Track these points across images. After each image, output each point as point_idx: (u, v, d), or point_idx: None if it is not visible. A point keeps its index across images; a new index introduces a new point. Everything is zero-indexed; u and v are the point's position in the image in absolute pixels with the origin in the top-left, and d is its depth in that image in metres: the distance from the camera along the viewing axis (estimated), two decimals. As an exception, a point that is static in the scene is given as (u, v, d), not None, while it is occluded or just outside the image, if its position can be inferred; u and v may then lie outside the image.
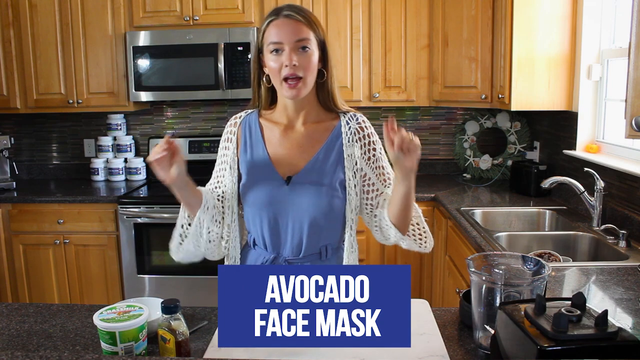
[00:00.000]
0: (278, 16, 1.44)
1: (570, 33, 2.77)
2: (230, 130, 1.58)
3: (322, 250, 1.52)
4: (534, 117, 3.38)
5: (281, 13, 1.44)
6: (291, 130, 1.53)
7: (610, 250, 2.10)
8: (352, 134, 1.53)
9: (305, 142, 1.52)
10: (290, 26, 1.42)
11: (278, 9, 1.46)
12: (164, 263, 3.21)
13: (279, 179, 1.49)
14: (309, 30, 1.44)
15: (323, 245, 1.52)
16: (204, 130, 3.79)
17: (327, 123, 1.55)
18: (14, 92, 3.43)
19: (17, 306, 1.51)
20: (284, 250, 1.52)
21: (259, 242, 1.55)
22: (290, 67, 1.40)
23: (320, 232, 1.50)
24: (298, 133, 1.53)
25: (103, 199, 3.21)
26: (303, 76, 1.42)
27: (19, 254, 3.26)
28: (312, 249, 1.51)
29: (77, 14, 3.34)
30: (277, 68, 1.42)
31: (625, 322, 1.42)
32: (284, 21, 1.43)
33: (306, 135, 1.53)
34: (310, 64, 1.44)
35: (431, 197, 3.07)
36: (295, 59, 1.40)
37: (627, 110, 1.42)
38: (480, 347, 1.22)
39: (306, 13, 1.46)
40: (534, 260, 1.22)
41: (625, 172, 2.28)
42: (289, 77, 1.41)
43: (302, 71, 1.42)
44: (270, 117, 1.57)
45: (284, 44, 1.41)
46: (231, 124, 1.59)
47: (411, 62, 3.32)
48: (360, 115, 1.57)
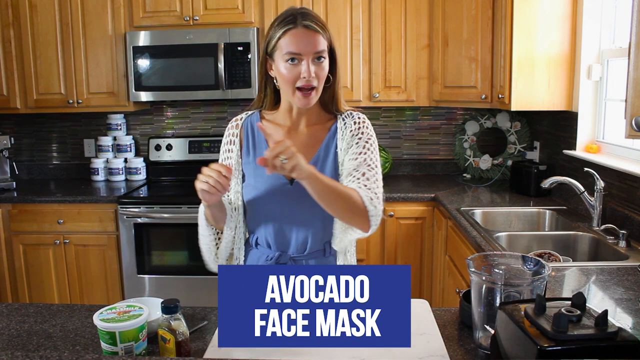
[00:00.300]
0: (296, 25, 1.43)
1: (570, 33, 2.77)
2: (233, 132, 1.59)
3: (326, 247, 1.54)
4: (534, 117, 3.38)
5: (299, 22, 1.43)
6: (294, 132, 1.55)
7: (610, 250, 2.10)
8: (346, 128, 1.54)
9: (307, 143, 1.54)
10: (309, 37, 1.42)
11: (293, 16, 1.44)
12: (164, 263, 3.22)
13: (283, 179, 1.50)
14: (324, 41, 1.45)
15: (327, 242, 1.54)
16: (204, 130, 3.79)
17: (328, 122, 1.57)
18: (14, 92, 3.43)
19: (17, 306, 1.51)
20: (289, 248, 1.54)
21: (262, 241, 1.56)
22: (309, 79, 1.42)
23: (325, 229, 1.53)
24: (301, 134, 1.55)
25: (103, 199, 3.21)
26: (317, 86, 1.44)
27: (19, 254, 3.26)
28: (316, 245, 1.53)
29: (77, 14, 3.34)
30: (293, 77, 1.43)
31: (625, 322, 1.42)
32: (303, 32, 1.42)
33: (308, 135, 1.54)
34: (324, 73, 1.46)
35: (431, 197, 3.07)
36: (313, 71, 1.42)
37: (627, 110, 1.42)
38: (480, 347, 1.22)
39: (321, 22, 1.46)
40: (534, 260, 1.22)
41: (625, 172, 2.28)
42: (305, 87, 1.43)
43: (317, 81, 1.44)
44: (273, 118, 1.57)
45: (302, 55, 1.42)
46: (232, 126, 1.60)
47: (411, 62, 3.32)
48: (358, 113, 1.58)
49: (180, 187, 3.54)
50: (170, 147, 3.66)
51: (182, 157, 3.65)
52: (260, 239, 1.56)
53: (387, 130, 3.73)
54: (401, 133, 3.73)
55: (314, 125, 1.56)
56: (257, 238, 1.57)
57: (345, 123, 1.55)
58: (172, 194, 3.42)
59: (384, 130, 3.72)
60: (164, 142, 3.67)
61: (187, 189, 3.45)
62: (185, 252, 3.20)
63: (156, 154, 3.68)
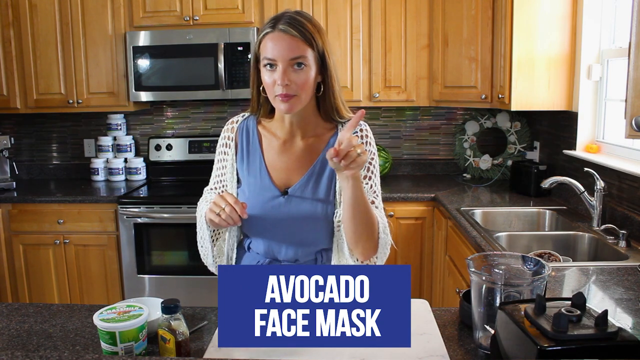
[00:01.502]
0: (274, 29, 1.36)
1: (570, 33, 2.77)
2: (228, 135, 1.55)
3: (318, 257, 1.51)
4: (534, 117, 3.38)
5: (277, 26, 1.36)
6: (290, 144, 1.49)
7: (610, 250, 2.10)
8: None
9: (303, 156, 1.49)
10: (285, 42, 1.35)
11: (276, 19, 1.38)
12: (164, 263, 3.22)
13: (275, 190, 1.47)
14: (305, 47, 1.36)
15: (318, 251, 1.51)
16: (204, 130, 3.79)
17: (325, 134, 1.50)
18: (14, 92, 3.43)
19: (17, 306, 1.51)
20: (279, 256, 1.51)
21: (253, 246, 1.54)
22: (283, 87, 1.34)
23: (316, 241, 1.49)
24: (297, 147, 1.49)
25: (103, 199, 3.21)
26: (297, 94, 1.36)
27: (19, 254, 3.26)
28: (307, 256, 1.50)
29: (77, 14, 3.34)
30: (271, 84, 1.37)
31: (625, 322, 1.42)
32: (279, 36, 1.35)
33: (304, 148, 1.49)
34: (306, 82, 1.37)
35: (431, 197, 3.07)
36: (288, 79, 1.34)
37: (627, 110, 1.42)
38: (480, 347, 1.22)
39: (304, 26, 1.37)
40: (534, 260, 1.22)
41: (625, 172, 2.28)
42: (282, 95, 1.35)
43: (296, 89, 1.36)
44: (269, 127, 1.53)
45: (277, 61, 1.35)
46: (228, 129, 1.56)
47: (411, 62, 3.32)
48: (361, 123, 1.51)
49: (180, 187, 3.54)
50: (170, 147, 3.66)
51: (182, 157, 3.65)
52: (252, 244, 1.54)
53: (387, 130, 3.73)
54: (401, 133, 3.73)
55: (311, 138, 1.49)
56: (250, 242, 1.55)
57: None
58: (172, 194, 3.42)
59: (384, 130, 3.72)
60: (164, 142, 3.67)
61: (187, 189, 3.46)
62: (185, 252, 3.20)
63: (156, 154, 3.68)
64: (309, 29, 1.38)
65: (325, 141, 1.50)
